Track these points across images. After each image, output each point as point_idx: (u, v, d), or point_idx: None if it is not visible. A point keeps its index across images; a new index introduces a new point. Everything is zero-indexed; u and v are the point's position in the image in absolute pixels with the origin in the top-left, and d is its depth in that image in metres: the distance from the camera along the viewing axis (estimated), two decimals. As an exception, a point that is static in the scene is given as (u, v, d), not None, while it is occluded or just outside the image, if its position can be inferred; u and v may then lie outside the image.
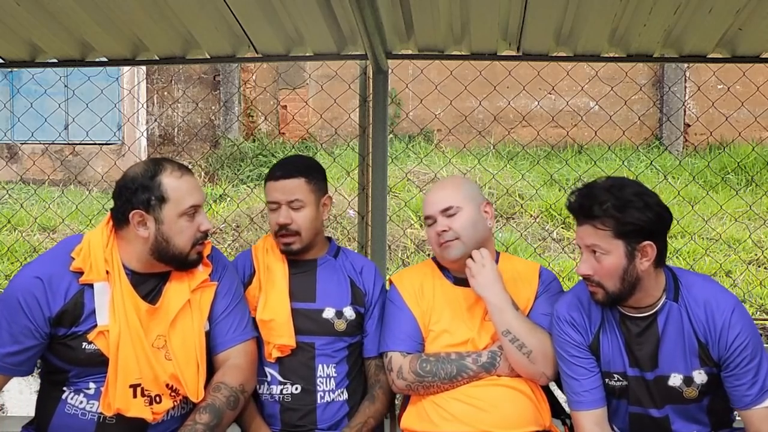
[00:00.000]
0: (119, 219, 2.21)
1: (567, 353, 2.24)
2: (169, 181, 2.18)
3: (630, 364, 2.19)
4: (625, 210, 2.06)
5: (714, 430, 2.23)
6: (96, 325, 2.14)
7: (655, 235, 2.10)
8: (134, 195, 2.17)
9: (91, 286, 2.16)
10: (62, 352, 2.17)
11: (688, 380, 2.15)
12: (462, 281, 2.46)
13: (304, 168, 2.54)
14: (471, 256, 2.41)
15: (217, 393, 2.18)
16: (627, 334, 2.19)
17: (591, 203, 2.10)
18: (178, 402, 2.19)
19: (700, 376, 2.14)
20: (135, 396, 2.14)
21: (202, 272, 2.29)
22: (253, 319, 2.44)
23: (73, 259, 2.18)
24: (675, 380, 2.15)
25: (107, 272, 2.18)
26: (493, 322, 2.33)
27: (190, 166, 2.19)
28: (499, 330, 2.31)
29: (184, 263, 2.23)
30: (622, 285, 2.11)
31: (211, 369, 2.29)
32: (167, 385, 2.17)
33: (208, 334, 2.28)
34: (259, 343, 2.43)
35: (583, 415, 2.21)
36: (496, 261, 2.50)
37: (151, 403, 2.15)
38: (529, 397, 2.32)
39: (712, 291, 2.17)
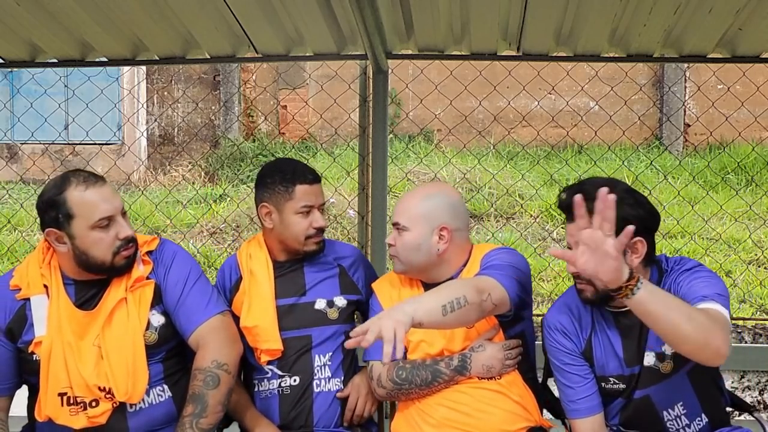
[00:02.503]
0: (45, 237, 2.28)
1: (560, 362, 2.24)
2: (73, 196, 2.19)
3: (627, 364, 2.18)
4: (617, 206, 2.05)
5: (710, 420, 2.22)
6: (35, 337, 2.23)
7: (646, 232, 2.11)
8: (45, 214, 2.23)
9: (29, 300, 2.26)
10: (22, 366, 2.28)
11: (661, 356, 2.15)
12: (431, 288, 2.37)
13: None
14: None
15: (194, 381, 2.21)
16: (624, 329, 2.18)
17: (585, 199, 2.07)
18: (118, 403, 2.20)
19: (669, 347, 2.14)
20: (62, 405, 2.19)
21: (141, 270, 2.30)
22: (238, 323, 2.47)
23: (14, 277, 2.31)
24: (649, 359, 2.15)
25: (45, 286, 2.26)
26: (437, 320, 2.08)
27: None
28: (442, 316, 2.06)
29: (111, 271, 2.25)
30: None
31: (187, 364, 2.32)
32: (100, 388, 2.19)
33: (168, 328, 2.30)
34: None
35: (581, 423, 2.21)
36: (467, 261, 2.43)
37: (85, 409, 2.19)
38: (512, 399, 2.32)
39: (688, 265, 2.19)
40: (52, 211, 2.20)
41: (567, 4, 2.87)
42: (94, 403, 2.19)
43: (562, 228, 7.35)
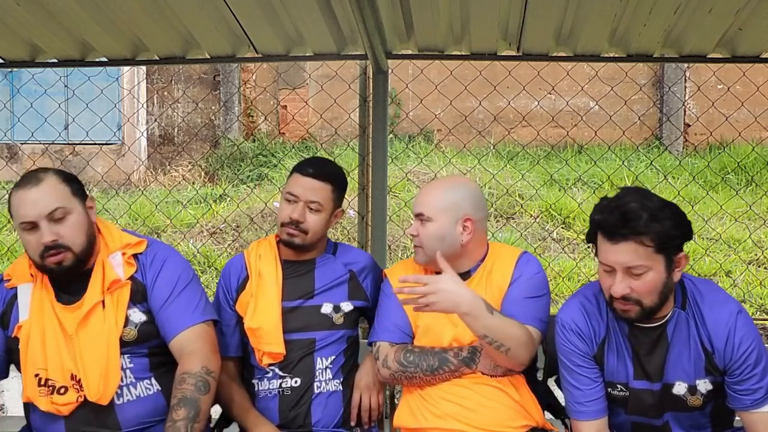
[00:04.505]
0: None
1: (571, 362, 2.21)
2: (11, 197, 2.25)
3: (635, 376, 2.16)
4: (663, 222, 2.00)
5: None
6: (18, 321, 2.27)
7: (684, 245, 2.08)
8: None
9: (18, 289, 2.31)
10: (12, 355, 2.30)
11: (693, 389, 2.13)
12: None
13: (335, 176, 2.58)
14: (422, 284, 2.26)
15: (184, 384, 2.19)
16: (637, 345, 2.16)
17: (634, 219, 1.99)
18: (83, 398, 2.20)
19: (704, 385, 2.13)
20: (37, 386, 2.21)
21: (120, 273, 2.30)
22: (242, 325, 2.49)
23: None
24: (680, 389, 2.14)
25: (32, 275, 2.30)
26: (470, 329, 2.28)
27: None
28: (476, 335, 2.27)
29: (47, 272, 2.26)
30: (660, 299, 2.06)
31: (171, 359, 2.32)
32: (72, 376, 2.20)
33: (150, 326, 2.30)
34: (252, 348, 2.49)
35: (586, 425, 2.19)
36: (485, 254, 2.46)
37: (52, 394, 2.20)
38: (513, 397, 2.32)
39: (717, 297, 2.15)
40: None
41: (567, 4, 2.87)
42: (62, 390, 2.20)
43: (562, 228, 7.36)
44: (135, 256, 2.34)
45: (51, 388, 2.20)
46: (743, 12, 2.89)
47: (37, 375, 2.21)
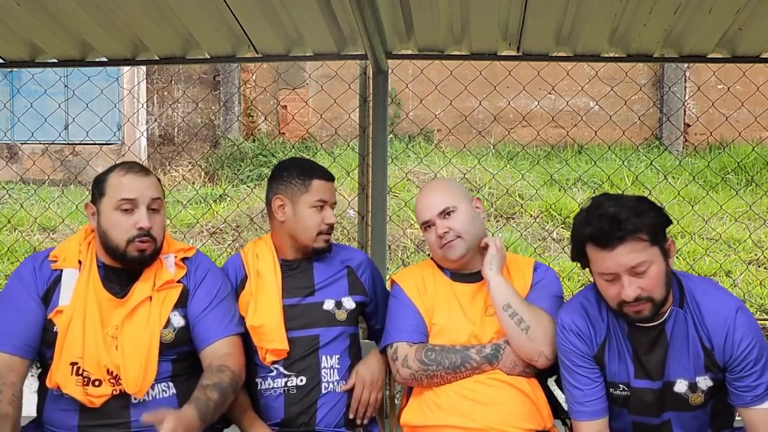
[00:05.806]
0: None
1: (572, 363, 2.22)
2: (112, 177, 2.34)
3: (636, 375, 2.17)
4: (647, 214, 2.05)
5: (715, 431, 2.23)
6: (58, 306, 2.30)
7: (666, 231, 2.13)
8: (91, 191, 2.39)
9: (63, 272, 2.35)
10: (43, 336, 2.31)
11: (693, 386, 2.14)
12: (459, 277, 2.48)
13: None
14: (487, 244, 2.45)
15: (223, 374, 2.26)
16: (637, 345, 2.16)
17: (624, 220, 2.02)
18: (118, 391, 2.23)
19: (705, 382, 2.13)
20: (72, 374, 2.24)
21: (173, 273, 2.38)
22: (245, 323, 2.50)
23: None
24: (680, 386, 2.14)
25: (80, 262, 2.35)
26: (493, 299, 2.34)
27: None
28: (499, 305, 2.32)
29: (124, 260, 2.32)
30: (666, 289, 2.09)
31: (195, 367, 2.36)
32: (108, 371, 2.23)
33: (186, 332, 2.35)
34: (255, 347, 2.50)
35: (586, 425, 2.20)
36: None
37: (87, 385, 2.22)
38: (528, 396, 2.33)
39: (715, 295, 2.16)
40: (95, 189, 2.36)
41: (567, 4, 2.87)
42: (97, 383, 2.23)
43: (562, 228, 7.35)
44: (183, 260, 2.43)
45: (86, 379, 2.23)
46: (743, 12, 2.89)
47: (75, 363, 2.24)
